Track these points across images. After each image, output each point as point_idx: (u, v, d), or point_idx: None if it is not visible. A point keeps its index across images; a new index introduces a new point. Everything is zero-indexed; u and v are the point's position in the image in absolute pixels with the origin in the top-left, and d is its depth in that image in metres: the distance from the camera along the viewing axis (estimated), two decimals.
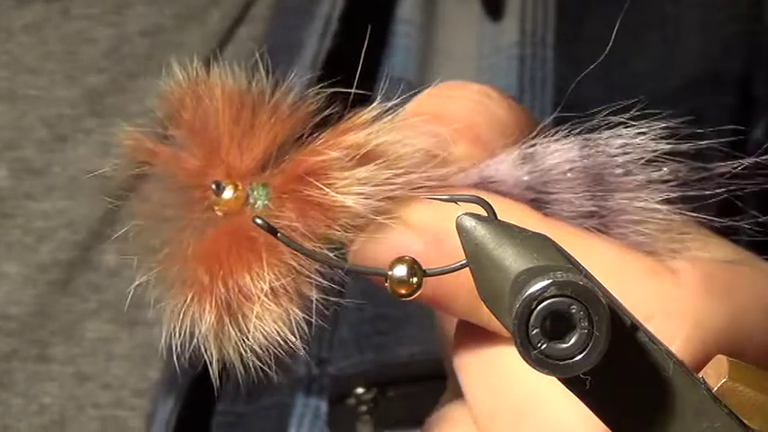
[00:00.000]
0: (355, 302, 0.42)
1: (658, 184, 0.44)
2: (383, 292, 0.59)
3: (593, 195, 0.43)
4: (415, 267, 0.38)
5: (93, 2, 0.64)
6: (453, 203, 0.38)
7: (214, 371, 0.42)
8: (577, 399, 0.34)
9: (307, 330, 0.59)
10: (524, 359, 0.33)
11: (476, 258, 0.36)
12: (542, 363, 0.33)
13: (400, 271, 0.39)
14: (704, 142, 0.46)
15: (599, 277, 0.34)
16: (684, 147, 0.45)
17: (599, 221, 0.43)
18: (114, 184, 0.60)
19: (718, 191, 0.47)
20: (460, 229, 0.36)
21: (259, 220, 0.41)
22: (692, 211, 0.44)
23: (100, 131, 0.62)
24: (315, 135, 0.42)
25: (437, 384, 0.58)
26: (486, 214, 0.36)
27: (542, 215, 0.42)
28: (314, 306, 0.42)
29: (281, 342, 0.42)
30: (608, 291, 0.34)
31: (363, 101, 0.64)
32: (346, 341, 0.58)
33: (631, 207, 0.43)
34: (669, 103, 0.65)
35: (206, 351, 0.43)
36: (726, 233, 0.53)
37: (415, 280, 0.38)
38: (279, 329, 0.42)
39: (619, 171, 0.44)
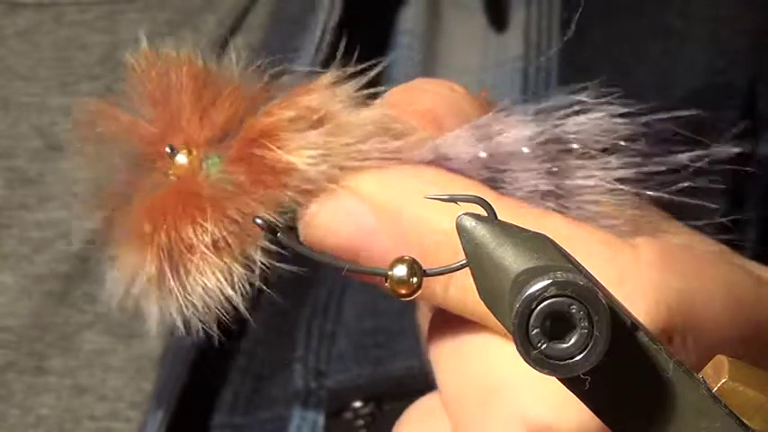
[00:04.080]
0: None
1: (617, 164, 0.44)
2: (381, 304, 0.59)
3: (550, 174, 0.43)
4: (415, 267, 0.38)
5: (86, 8, 0.63)
6: (453, 203, 0.38)
7: (151, 325, 0.42)
8: (556, 389, 0.34)
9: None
10: (524, 359, 0.33)
11: (476, 258, 0.36)
12: (542, 363, 0.33)
13: (400, 271, 0.39)
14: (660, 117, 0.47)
15: None
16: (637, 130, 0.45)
17: (557, 201, 0.43)
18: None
19: (679, 183, 0.48)
20: (460, 229, 0.36)
21: (259, 220, 0.41)
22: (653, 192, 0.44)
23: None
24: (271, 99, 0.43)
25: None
26: (486, 214, 0.36)
27: (498, 194, 0.42)
28: (257, 268, 0.43)
29: (222, 298, 0.42)
30: (608, 291, 0.34)
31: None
32: (344, 354, 0.58)
33: (589, 186, 0.43)
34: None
35: (146, 306, 0.43)
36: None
37: (415, 280, 0.38)
38: (219, 284, 0.42)
39: (576, 149, 0.44)
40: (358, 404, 0.58)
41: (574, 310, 0.33)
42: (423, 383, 0.58)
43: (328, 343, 0.59)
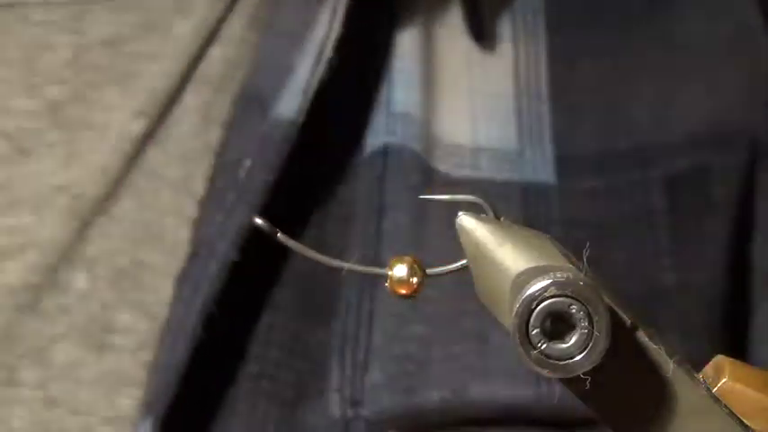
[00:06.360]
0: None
1: None
2: (406, 329, 0.58)
3: None
4: (415, 267, 0.38)
5: (53, 9, 0.61)
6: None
7: None
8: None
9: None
10: (524, 359, 0.33)
11: (476, 258, 0.36)
12: (542, 363, 0.33)
13: (400, 271, 0.38)
14: None
15: None
16: None
17: None
18: (84, 202, 0.60)
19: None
20: (460, 229, 0.36)
21: (258, 220, 0.41)
22: None
23: (64, 144, 0.60)
24: None
25: (471, 430, 0.58)
26: (486, 214, 0.36)
27: None
28: None
29: None
30: (608, 291, 0.34)
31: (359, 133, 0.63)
32: (377, 383, 0.58)
33: None
34: (671, 155, 0.65)
35: None
36: None
37: (415, 280, 0.38)
38: None
39: None
40: None
41: (574, 310, 0.33)
42: (459, 415, 0.58)
43: (362, 372, 0.58)
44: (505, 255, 0.35)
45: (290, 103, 0.59)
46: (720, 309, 0.63)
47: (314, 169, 0.62)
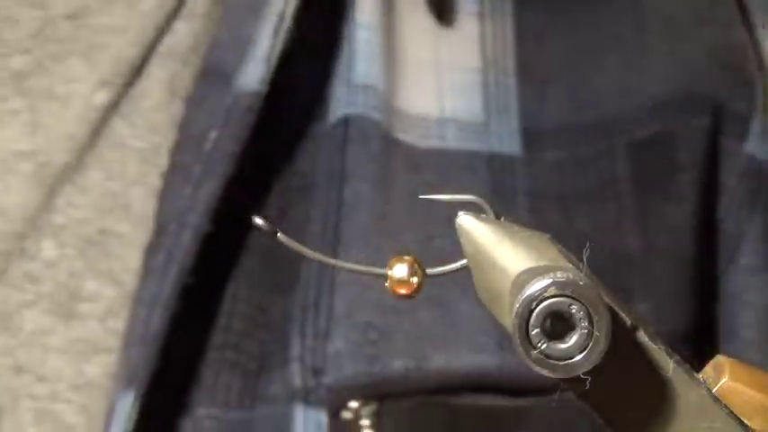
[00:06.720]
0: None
1: None
2: (370, 297, 0.59)
3: None
4: (415, 267, 0.38)
5: None
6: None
7: None
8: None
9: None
10: (524, 359, 0.33)
11: (476, 258, 0.36)
12: (542, 363, 0.33)
13: (400, 271, 0.38)
14: None
15: None
16: None
17: None
18: (50, 170, 0.60)
19: None
20: (460, 229, 0.36)
21: (258, 220, 0.41)
22: None
23: (27, 112, 0.61)
24: None
25: (434, 398, 0.58)
26: (486, 214, 0.36)
27: None
28: None
29: None
30: (608, 291, 0.34)
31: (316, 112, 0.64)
32: (339, 351, 0.58)
33: None
34: (636, 122, 0.65)
35: None
36: None
37: (415, 280, 0.38)
38: None
39: None
40: (355, 404, 0.58)
41: (574, 310, 0.33)
42: (422, 384, 0.58)
43: (323, 340, 0.59)
44: (505, 255, 0.35)
45: (253, 74, 0.60)
46: (688, 272, 0.64)
47: (278, 140, 0.63)
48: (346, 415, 0.58)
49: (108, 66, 0.61)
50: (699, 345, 0.64)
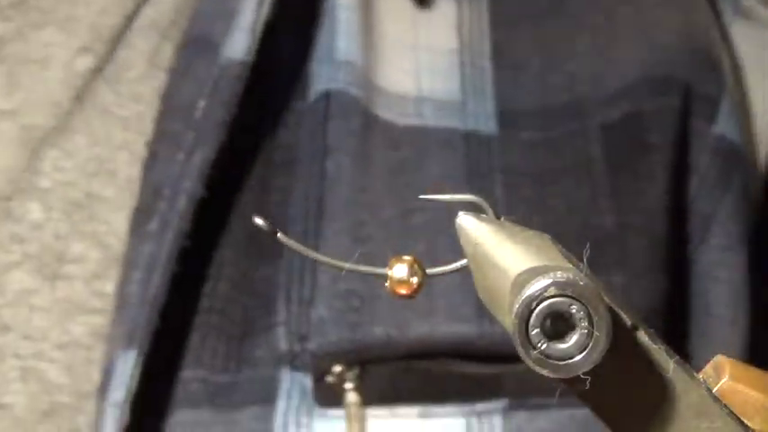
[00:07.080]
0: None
1: None
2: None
3: None
4: (415, 267, 0.38)
5: None
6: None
7: None
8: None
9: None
10: (524, 359, 0.33)
11: (476, 258, 0.36)
12: (542, 363, 0.33)
13: (400, 271, 0.38)
14: None
15: None
16: None
17: None
18: (34, 132, 0.61)
19: None
20: (460, 229, 0.36)
21: (258, 220, 0.41)
22: None
23: (4, 75, 0.62)
24: None
25: (415, 364, 0.59)
26: (486, 214, 0.36)
27: None
28: None
29: None
30: (608, 291, 0.34)
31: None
32: (323, 318, 0.59)
33: None
34: (608, 104, 0.67)
35: None
36: None
37: (415, 280, 0.38)
38: None
39: None
40: (338, 368, 0.59)
41: (574, 310, 0.33)
42: (403, 350, 0.59)
43: (308, 308, 0.60)
44: (505, 254, 0.35)
45: (239, 44, 0.62)
46: (661, 249, 0.65)
47: (261, 113, 0.64)
48: (330, 379, 0.59)
49: (87, 34, 0.62)
50: (672, 320, 0.65)
